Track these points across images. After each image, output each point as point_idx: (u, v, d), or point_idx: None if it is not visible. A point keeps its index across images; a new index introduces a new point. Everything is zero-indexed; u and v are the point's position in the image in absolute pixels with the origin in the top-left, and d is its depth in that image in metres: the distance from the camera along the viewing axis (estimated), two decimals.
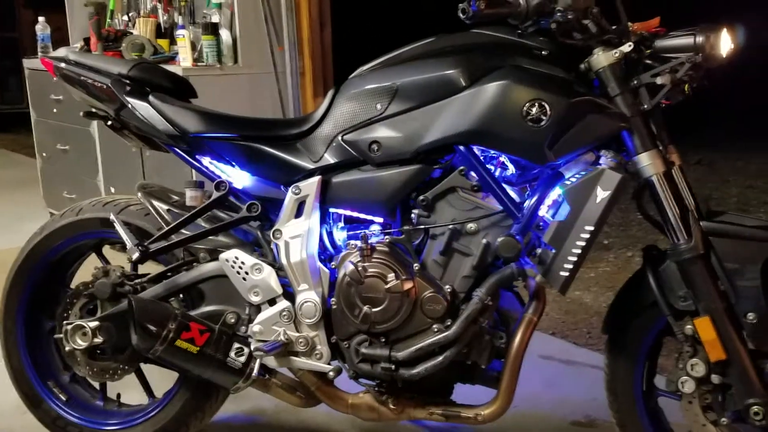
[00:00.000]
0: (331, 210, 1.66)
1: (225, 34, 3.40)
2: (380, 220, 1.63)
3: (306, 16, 3.45)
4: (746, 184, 5.23)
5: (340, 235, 1.68)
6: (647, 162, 1.45)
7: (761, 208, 4.57)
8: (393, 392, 1.64)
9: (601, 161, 1.47)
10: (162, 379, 1.93)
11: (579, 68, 1.49)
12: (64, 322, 1.80)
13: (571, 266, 1.45)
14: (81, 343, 1.73)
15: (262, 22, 3.44)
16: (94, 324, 1.73)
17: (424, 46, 1.60)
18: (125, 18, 4.00)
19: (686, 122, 3.48)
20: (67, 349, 1.77)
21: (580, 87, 1.48)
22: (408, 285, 1.54)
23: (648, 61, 1.47)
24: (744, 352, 1.43)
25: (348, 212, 1.66)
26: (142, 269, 1.83)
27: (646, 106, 1.45)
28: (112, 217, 1.77)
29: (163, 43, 3.71)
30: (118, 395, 2.01)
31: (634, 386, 1.62)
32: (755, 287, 1.42)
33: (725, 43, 1.44)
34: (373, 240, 1.58)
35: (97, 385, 1.99)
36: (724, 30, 1.44)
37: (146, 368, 1.89)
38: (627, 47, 1.43)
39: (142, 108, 1.75)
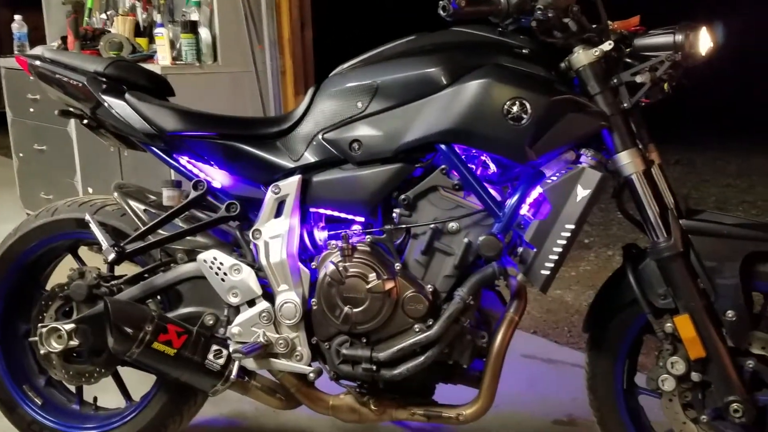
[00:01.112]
0: (312, 209, 1.64)
1: (204, 33, 3.37)
2: (361, 219, 1.62)
3: (287, 14, 3.44)
4: (725, 183, 5.30)
5: (320, 234, 1.66)
6: (627, 161, 1.45)
7: (739, 206, 4.63)
8: (374, 393, 1.63)
9: (581, 160, 1.47)
10: (140, 382, 1.90)
11: (559, 67, 1.49)
12: (39, 324, 1.76)
13: (552, 265, 1.45)
14: (56, 346, 1.70)
15: (242, 20, 3.42)
16: (69, 326, 1.70)
17: (404, 44, 1.59)
18: (103, 16, 3.96)
19: (666, 121, 3.51)
20: (42, 352, 1.74)
21: (560, 85, 1.47)
22: (389, 285, 1.53)
23: (628, 60, 1.48)
24: (723, 349, 1.44)
25: (329, 212, 1.64)
26: (119, 270, 1.80)
27: (625, 105, 1.45)
28: (87, 217, 1.74)
29: (141, 41, 3.67)
30: (95, 399, 1.97)
31: (614, 384, 1.62)
32: (734, 285, 1.42)
33: (704, 41, 1.44)
34: (354, 240, 1.57)
35: (73, 388, 1.96)
36: (703, 28, 1.44)
37: (123, 371, 1.86)
38: (607, 46, 1.43)
39: (118, 106, 1.73)
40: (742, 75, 7.33)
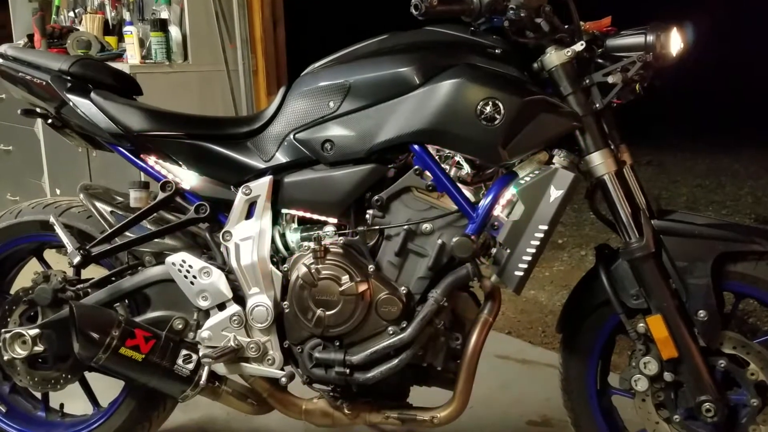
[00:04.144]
0: (284, 211, 1.62)
1: (174, 31, 3.33)
2: (334, 220, 1.60)
3: (258, 12, 3.41)
4: (695, 183, 5.38)
5: (292, 236, 1.64)
6: (599, 161, 1.45)
7: (709, 206, 4.70)
8: (347, 397, 1.61)
9: (554, 160, 1.46)
10: (108, 388, 1.86)
11: (532, 67, 1.48)
12: (3, 330, 1.71)
13: (525, 266, 1.44)
14: (21, 352, 1.66)
15: (212, 18, 3.38)
16: (34, 332, 1.66)
17: (377, 43, 1.58)
18: (71, 14, 3.88)
19: (637, 122, 3.55)
20: (5, 358, 1.69)
21: (533, 86, 1.47)
22: (362, 287, 1.51)
23: (599, 61, 1.48)
24: (695, 349, 1.45)
25: (301, 213, 1.62)
26: (86, 274, 1.76)
27: (597, 106, 1.45)
28: (52, 219, 1.70)
29: (110, 40, 3.61)
30: (61, 405, 1.94)
31: (587, 385, 1.63)
32: (705, 285, 1.43)
33: (675, 42, 1.45)
34: (326, 241, 1.55)
35: (38, 395, 1.93)
36: (674, 29, 1.45)
37: (91, 377, 1.82)
38: (579, 46, 1.43)
39: (83, 105, 1.68)
40: (711, 75, 7.46)
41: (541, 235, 1.43)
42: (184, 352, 1.61)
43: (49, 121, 1.79)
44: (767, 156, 6.03)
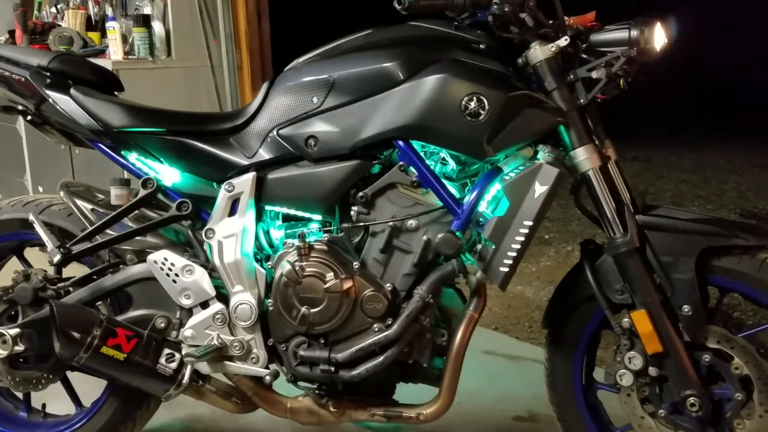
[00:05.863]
0: (267, 208, 1.61)
1: (158, 27, 3.30)
2: (318, 217, 1.59)
3: (243, 7, 3.38)
4: (680, 178, 5.41)
5: (276, 233, 1.62)
6: (583, 157, 1.45)
7: (694, 201, 4.73)
8: (333, 394, 1.61)
9: (538, 156, 1.46)
10: (91, 388, 1.84)
11: (516, 62, 1.48)
12: None
13: (510, 262, 1.44)
14: (1, 352, 1.64)
15: (196, 14, 3.36)
16: (14, 331, 1.64)
17: (361, 38, 1.56)
18: (53, 10, 3.85)
19: (622, 117, 3.55)
20: None
21: (517, 81, 1.46)
22: (347, 284, 1.50)
23: (584, 56, 1.48)
24: (680, 344, 1.45)
25: (285, 210, 1.61)
26: (67, 272, 1.73)
27: (582, 101, 1.45)
28: (31, 217, 1.68)
29: (93, 35, 3.58)
30: (44, 405, 1.92)
31: (573, 380, 1.63)
32: (690, 280, 1.43)
33: (659, 37, 1.45)
34: (311, 238, 1.54)
35: (20, 395, 1.90)
36: (658, 24, 1.45)
37: (73, 376, 1.80)
38: (563, 41, 1.43)
39: (63, 102, 1.66)
40: (696, 71, 7.51)
41: (526, 230, 1.43)
42: (166, 351, 1.59)
43: (29, 117, 1.76)
44: (752, 151, 6.09)
